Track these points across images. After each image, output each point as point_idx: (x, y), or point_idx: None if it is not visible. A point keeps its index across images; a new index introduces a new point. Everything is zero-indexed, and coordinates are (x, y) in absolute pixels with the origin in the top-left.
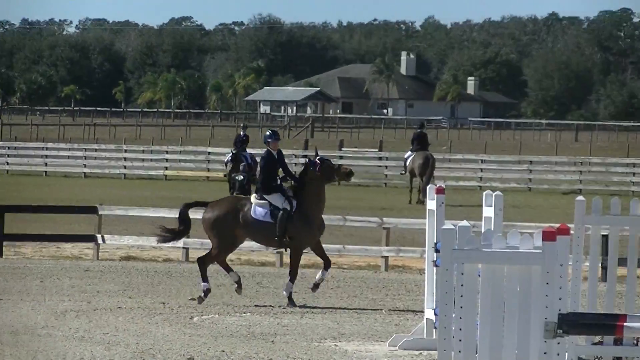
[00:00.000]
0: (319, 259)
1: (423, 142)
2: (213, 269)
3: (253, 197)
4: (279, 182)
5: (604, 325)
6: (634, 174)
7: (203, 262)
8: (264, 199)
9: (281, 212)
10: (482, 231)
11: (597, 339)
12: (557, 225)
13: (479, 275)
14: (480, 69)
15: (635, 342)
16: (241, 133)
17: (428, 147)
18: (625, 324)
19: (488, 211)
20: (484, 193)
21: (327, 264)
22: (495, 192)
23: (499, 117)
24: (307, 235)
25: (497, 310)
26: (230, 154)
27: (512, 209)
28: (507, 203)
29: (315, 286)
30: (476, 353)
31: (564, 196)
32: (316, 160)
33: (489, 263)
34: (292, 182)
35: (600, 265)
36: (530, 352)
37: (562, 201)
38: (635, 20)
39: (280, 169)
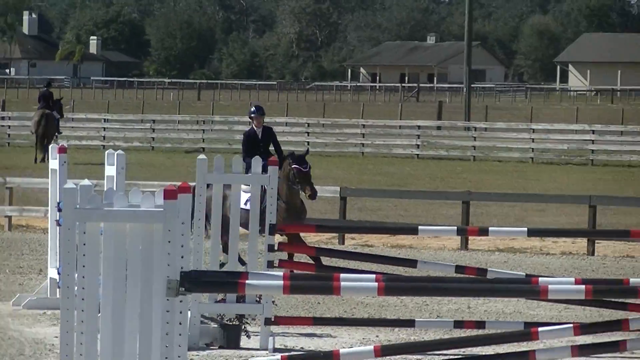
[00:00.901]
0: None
1: (48, 100)
2: None
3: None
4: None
5: (227, 282)
6: None
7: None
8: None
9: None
10: (105, 190)
11: (220, 296)
12: (179, 183)
13: (102, 234)
14: (103, 29)
15: (257, 299)
16: None
17: (57, 107)
18: (247, 281)
19: (110, 170)
20: (106, 152)
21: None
22: (118, 151)
23: (122, 76)
24: (280, 218)
25: (120, 268)
26: None
27: (135, 168)
28: (130, 161)
29: None
30: (99, 312)
31: (187, 154)
32: (298, 165)
33: (110, 221)
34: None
35: (212, 224)
36: (154, 310)
37: (185, 159)
38: None
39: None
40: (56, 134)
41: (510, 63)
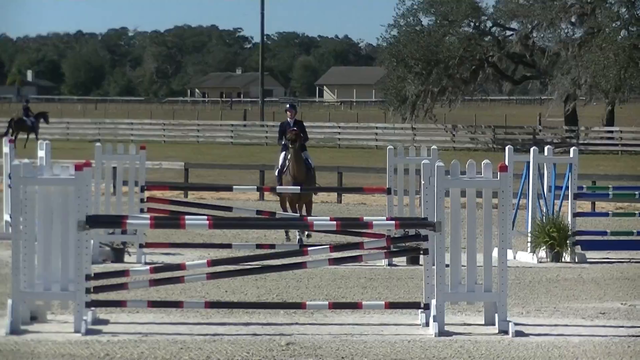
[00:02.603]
0: None
1: (27, 110)
2: None
3: None
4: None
5: (115, 222)
6: (132, 129)
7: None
8: None
9: (278, 169)
10: (38, 165)
11: (111, 231)
12: (84, 161)
13: (37, 193)
14: (35, 65)
15: (134, 232)
16: None
17: (44, 116)
18: (127, 221)
19: (41, 153)
20: (39, 142)
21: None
22: (46, 142)
23: (48, 95)
24: (288, 185)
25: (48, 214)
26: None
27: (57, 152)
28: (53, 148)
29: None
30: (36, 241)
31: (89, 143)
32: (292, 128)
33: (42, 185)
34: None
35: (105, 186)
36: (70, 239)
37: (89, 146)
38: (130, 34)
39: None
40: (30, 132)
41: (288, 85)
